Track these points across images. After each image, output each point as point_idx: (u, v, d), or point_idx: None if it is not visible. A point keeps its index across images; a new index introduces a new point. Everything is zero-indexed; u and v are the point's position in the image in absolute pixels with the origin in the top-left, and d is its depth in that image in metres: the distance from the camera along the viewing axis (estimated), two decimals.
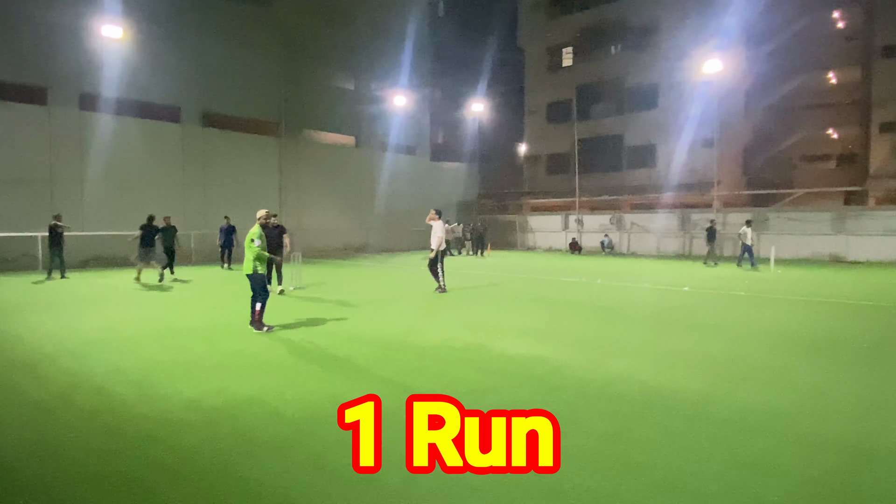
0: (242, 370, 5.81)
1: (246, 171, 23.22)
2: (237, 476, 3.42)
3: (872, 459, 3.64)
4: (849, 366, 6.00)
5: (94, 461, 3.66)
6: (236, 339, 7.36)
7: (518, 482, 3.29)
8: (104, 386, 5.25)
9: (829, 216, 22.43)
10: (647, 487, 3.26)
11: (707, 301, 11.01)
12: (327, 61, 26.77)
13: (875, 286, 13.64)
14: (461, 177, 35.30)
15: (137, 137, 19.90)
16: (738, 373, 5.72)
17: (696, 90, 27.15)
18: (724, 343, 7.09)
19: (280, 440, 3.96)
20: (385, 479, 3.35)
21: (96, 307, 10.14)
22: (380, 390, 5.07)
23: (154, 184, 20.21)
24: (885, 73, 26.12)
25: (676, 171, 28.44)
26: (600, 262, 21.69)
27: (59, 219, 14.28)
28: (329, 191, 26.31)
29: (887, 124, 26.12)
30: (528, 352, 6.60)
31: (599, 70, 33.57)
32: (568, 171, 32.28)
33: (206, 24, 21.64)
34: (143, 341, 7.18)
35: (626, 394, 5.00)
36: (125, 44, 18.85)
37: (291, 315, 9.28)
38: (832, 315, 9.24)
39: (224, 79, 22.39)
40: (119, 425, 4.27)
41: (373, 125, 28.90)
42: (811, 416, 4.44)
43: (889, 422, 4.34)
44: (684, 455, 3.70)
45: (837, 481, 3.33)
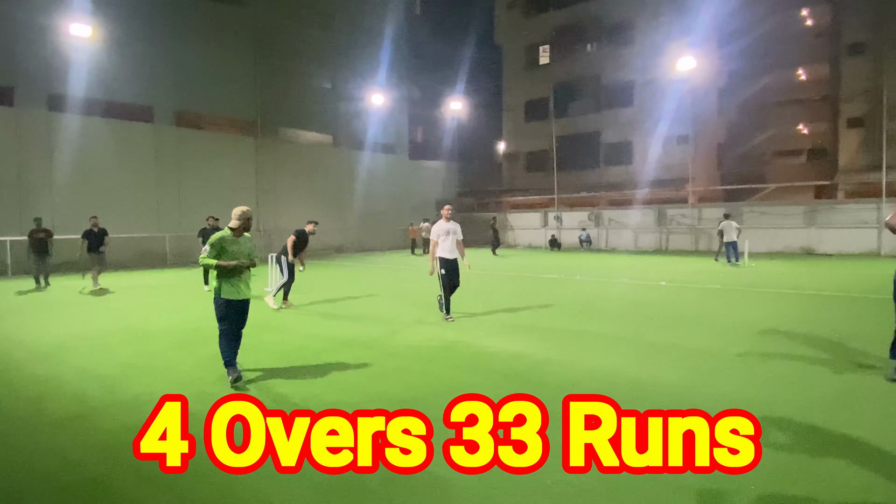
0: (218, 374, 5.71)
1: (222, 171, 22.90)
2: (215, 481, 3.36)
3: (846, 447, 3.72)
4: (821, 355, 6.14)
5: (67, 469, 3.56)
6: (212, 342, 7.22)
7: (503, 478, 3.29)
8: (76, 392, 5.12)
9: (800, 210, 22.95)
10: (629, 481, 3.29)
11: (683, 295, 11.17)
12: (304, 60, 26.53)
13: (845, 278, 13.99)
14: (440, 175, 35.31)
15: (109, 138, 19.48)
16: (715, 365, 5.81)
17: (670, 88, 27.53)
18: (700, 336, 7.20)
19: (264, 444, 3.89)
20: (369, 484, 3.32)
21: (67, 312, 9.90)
22: (358, 391, 5.04)
23: (126, 185, 19.82)
24: (852, 69, 26.76)
25: (652, 167, 28.81)
26: (579, 259, 21.88)
27: (38, 223, 13.49)
28: (307, 191, 26.10)
29: (855, 119, 26.77)
30: (508, 349, 6.61)
31: (576, 68, 33.82)
32: (546, 169, 32.46)
33: (178, 22, 21.27)
34: (116, 346, 7.03)
35: (607, 388, 5.04)
36: (95, 43, 18.44)
37: (268, 317, 9.18)
38: (805, 306, 9.45)
39: (198, 78, 22.03)
40: (92, 432, 4.17)
41: (351, 124, 28.74)
42: (786, 406, 4.52)
43: (861, 412, 4.44)
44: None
45: (813, 470, 3.39)
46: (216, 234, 5.39)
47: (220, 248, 5.34)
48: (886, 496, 3.09)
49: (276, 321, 8.73)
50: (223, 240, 5.38)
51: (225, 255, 5.32)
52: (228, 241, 5.41)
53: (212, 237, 5.38)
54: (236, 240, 5.46)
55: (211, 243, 5.33)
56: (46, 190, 18.05)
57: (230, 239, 5.43)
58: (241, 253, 5.41)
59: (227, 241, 5.40)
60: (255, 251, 5.61)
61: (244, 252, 5.45)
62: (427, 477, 3.35)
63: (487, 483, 3.28)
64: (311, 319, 8.92)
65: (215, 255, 5.33)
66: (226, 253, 5.33)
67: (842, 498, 3.07)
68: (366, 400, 4.78)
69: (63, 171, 18.32)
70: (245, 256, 5.45)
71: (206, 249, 5.36)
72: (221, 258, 5.32)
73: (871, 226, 21.16)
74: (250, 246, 5.58)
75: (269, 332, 7.77)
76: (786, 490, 3.17)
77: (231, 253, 5.35)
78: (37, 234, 13.22)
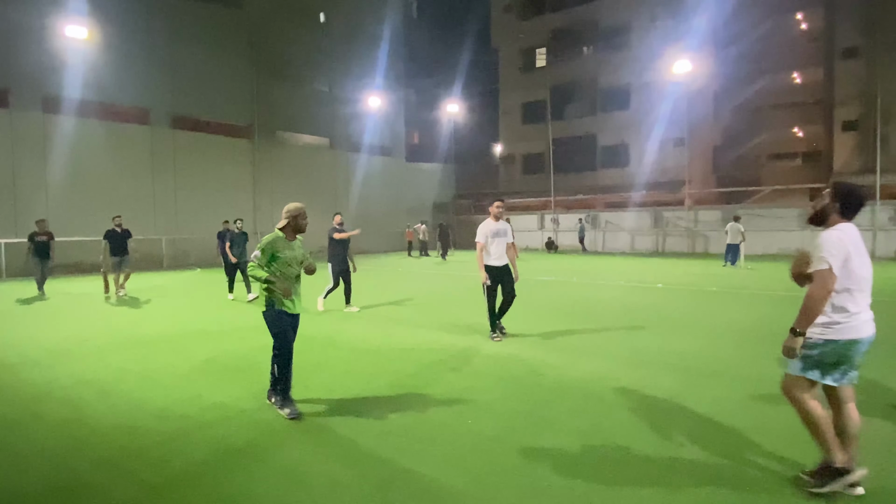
0: (215, 378, 5.70)
1: (218, 173, 22.88)
2: (210, 486, 3.36)
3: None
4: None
5: (62, 474, 3.55)
6: (208, 346, 7.23)
7: (498, 481, 3.30)
8: (70, 397, 5.10)
9: (795, 212, 23.04)
10: (624, 484, 3.30)
11: (679, 297, 11.20)
12: (300, 63, 26.54)
13: None
14: (437, 178, 35.34)
15: (104, 140, 19.43)
16: (709, 368, 5.83)
17: (666, 91, 27.64)
18: (695, 339, 7.22)
19: (255, 448, 3.90)
20: (364, 488, 3.33)
21: (61, 316, 9.86)
22: (355, 395, 5.04)
23: (122, 188, 19.76)
24: (846, 73, 26.95)
25: (648, 170, 28.91)
26: (576, 261, 21.91)
27: (40, 225, 12.48)
28: (303, 193, 26.00)
29: (849, 123, 26.95)
30: (503, 352, 6.62)
31: (572, 71, 33.92)
32: (543, 171, 32.53)
33: (174, 24, 21.26)
34: (110, 350, 7.00)
35: (601, 391, 5.06)
36: (90, 45, 18.40)
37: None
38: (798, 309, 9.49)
39: (194, 80, 22.01)
40: (87, 437, 4.16)
41: (347, 127, 28.75)
42: (782, 410, 4.53)
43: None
44: (660, 451, 3.76)
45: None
46: (266, 238, 4.56)
47: (272, 255, 4.52)
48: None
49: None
50: (274, 244, 4.52)
51: (277, 262, 4.52)
52: (280, 244, 4.55)
53: (263, 241, 4.55)
54: (290, 244, 4.60)
55: (261, 248, 4.52)
56: (41, 192, 17.99)
57: (282, 243, 4.56)
58: (294, 259, 4.61)
59: (279, 246, 4.54)
60: (308, 256, 4.82)
61: (297, 258, 4.66)
62: (422, 480, 3.35)
63: (483, 485, 3.28)
64: (308, 320, 8.91)
65: (267, 263, 4.53)
66: (277, 260, 4.52)
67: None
68: (359, 403, 4.78)
69: (58, 173, 18.27)
70: (298, 263, 4.67)
71: (256, 256, 4.52)
72: (273, 266, 4.53)
73: (864, 228, 21.24)
74: (304, 251, 4.79)
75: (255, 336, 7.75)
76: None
77: (284, 259, 4.53)
78: (39, 237, 12.39)
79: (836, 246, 2.99)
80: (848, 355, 3.06)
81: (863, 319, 3.06)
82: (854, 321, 3.03)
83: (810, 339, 3.08)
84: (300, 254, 4.71)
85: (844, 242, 3.01)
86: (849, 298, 3.03)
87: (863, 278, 3.06)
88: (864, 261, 3.09)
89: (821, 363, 3.07)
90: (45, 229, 12.50)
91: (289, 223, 4.62)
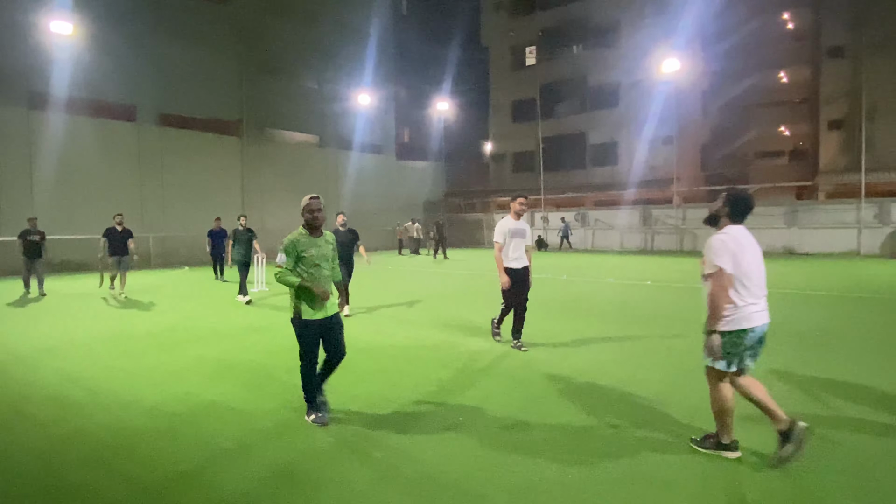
0: (205, 376, 5.66)
1: (206, 171, 22.70)
2: (201, 485, 3.33)
3: (828, 441, 3.78)
4: (800, 352, 6.23)
5: (49, 474, 3.51)
6: (198, 344, 7.18)
7: (493, 476, 3.31)
8: (58, 395, 5.04)
9: (782, 210, 23.28)
10: (615, 479, 3.32)
11: (668, 294, 11.28)
12: (289, 60, 26.39)
13: (824, 276, 14.23)
14: (428, 175, 35.31)
15: (91, 137, 19.21)
16: (697, 364, 5.86)
17: (655, 89, 27.80)
18: (684, 335, 7.27)
19: (246, 447, 3.87)
20: (356, 486, 3.32)
21: (48, 314, 9.74)
22: (350, 393, 5.02)
23: (109, 185, 19.56)
24: (832, 72, 27.23)
25: (638, 168, 29.07)
26: (566, 259, 22.00)
27: (32, 223, 12.02)
28: (293, 191, 25.87)
29: (835, 122, 27.23)
30: (495, 348, 6.63)
31: (562, 69, 34.00)
32: (533, 170, 32.61)
33: (162, 20, 21.05)
34: (98, 348, 6.93)
35: (592, 387, 5.08)
36: (77, 40, 18.16)
37: (256, 319, 9.12)
38: (785, 305, 9.60)
39: (182, 77, 21.81)
40: (75, 435, 4.11)
41: (337, 124, 28.63)
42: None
43: (843, 405, 4.52)
44: (650, 446, 3.78)
45: (801, 468, 3.45)
46: (288, 238, 4.19)
47: (298, 256, 4.15)
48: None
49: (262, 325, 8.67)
50: (297, 243, 4.16)
51: (303, 262, 4.15)
52: (304, 243, 4.18)
53: (284, 242, 4.18)
54: (314, 241, 4.23)
55: (284, 250, 4.15)
56: (27, 189, 17.76)
57: (306, 240, 4.20)
58: (322, 258, 4.23)
59: (303, 244, 4.17)
60: (332, 252, 4.40)
61: (326, 256, 4.28)
62: (416, 476, 3.35)
63: (477, 480, 3.28)
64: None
65: (294, 266, 4.16)
66: (303, 260, 4.15)
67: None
68: (349, 399, 4.77)
69: (44, 170, 18.03)
70: (327, 262, 4.29)
71: (281, 259, 4.15)
72: (299, 267, 4.16)
73: (850, 226, 21.53)
74: (331, 247, 4.38)
75: (246, 334, 7.71)
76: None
77: (309, 258, 4.15)
78: (31, 236, 11.89)
79: (722, 249, 3.38)
80: (742, 344, 3.40)
81: (751, 311, 3.41)
82: (742, 313, 3.38)
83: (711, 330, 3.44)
84: (329, 251, 4.31)
85: (729, 245, 3.40)
86: (735, 294, 3.38)
87: (750, 274, 3.43)
88: (752, 258, 3.46)
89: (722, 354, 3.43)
90: (36, 227, 12.05)
91: (308, 219, 4.26)
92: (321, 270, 4.22)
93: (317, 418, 4.24)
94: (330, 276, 4.34)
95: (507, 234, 6.50)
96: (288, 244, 4.15)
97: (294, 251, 4.14)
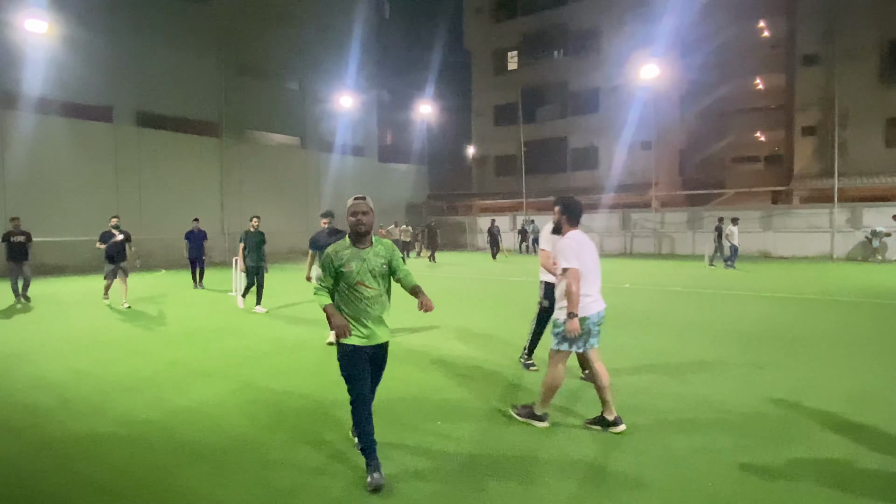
0: (179, 381, 5.60)
1: (185, 172, 22.38)
2: (174, 491, 3.30)
3: (801, 443, 3.88)
4: (776, 355, 6.37)
5: (19, 482, 3.45)
6: (172, 348, 7.10)
7: (483, 475, 3.33)
8: (28, 401, 4.95)
9: (758, 214, 23.72)
10: (590, 481, 3.36)
11: (646, 297, 11.43)
12: (270, 60, 26.19)
13: (799, 280, 14.53)
14: (410, 178, 35.28)
15: (66, 138, 18.80)
16: (674, 366, 5.97)
17: (634, 95, 28.13)
18: (661, 337, 7.38)
19: (220, 453, 3.85)
20: (329, 492, 3.32)
21: (17, 318, 9.54)
22: (325, 397, 5.01)
23: (85, 187, 19.17)
24: (806, 79, 27.83)
25: (617, 172, 29.39)
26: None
27: (15, 224, 11.14)
28: (273, 193, 25.71)
29: (809, 128, 27.83)
30: (471, 353, 6.67)
31: (543, 74, 34.27)
32: (515, 173, 32.78)
33: (139, 19, 20.71)
34: (70, 353, 6.81)
35: (567, 388, 5.13)
36: (51, 39, 17.79)
37: (234, 322, 9.04)
38: (761, 308, 9.79)
39: (160, 77, 21.48)
40: (46, 442, 4.04)
41: (319, 126, 28.47)
42: (744, 405, 4.68)
43: (818, 407, 4.63)
44: (625, 448, 3.84)
45: (765, 466, 3.53)
46: (330, 248, 3.45)
47: (336, 271, 3.40)
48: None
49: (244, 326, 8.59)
50: (336, 256, 3.39)
51: (343, 278, 3.40)
52: (345, 255, 3.40)
53: (325, 254, 3.45)
54: (358, 252, 3.41)
55: (323, 265, 3.43)
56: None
57: (348, 252, 3.41)
58: (365, 273, 3.39)
59: (343, 256, 3.39)
60: (382, 268, 3.48)
61: (373, 272, 3.42)
62: (395, 483, 3.35)
63: (466, 487, 3.30)
64: (277, 322, 8.81)
65: (332, 284, 3.44)
66: (342, 276, 3.39)
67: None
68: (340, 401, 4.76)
69: (16, 171, 17.60)
70: (374, 280, 3.42)
71: (317, 274, 3.55)
72: (341, 284, 3.42)
73: (823, 230, 22.02)
74: (382, 260, 3.48)
75: (224, 339, 7.64)
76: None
77: (349, 275, 3.36)
78: (15, 238, 11.03)
79: (569, 250, 4.01)
80: (582, 328, 4.00)
81: (589, 301, 4.04)
82: (582, 303, 3.98)
83: (556, 320, 4.11)
84: (378, 265, 3.44)
85: (574, 247, 4.03)
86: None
87: (588, 270, 4.05)
88: (589, 258, 4.09)
89: (565, 337, 4.03)
90: (20, 228, 11.12)
91: (353, 226, 3.44)
92: (362, 292, 3.39)
93: (373, 480, 3.25)
94: (375, 299, 3.43)
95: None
96: (325, 257, 3.43)
97: (331, 265, 3.39)
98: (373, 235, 3.53)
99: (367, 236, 3.47)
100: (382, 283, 3.51)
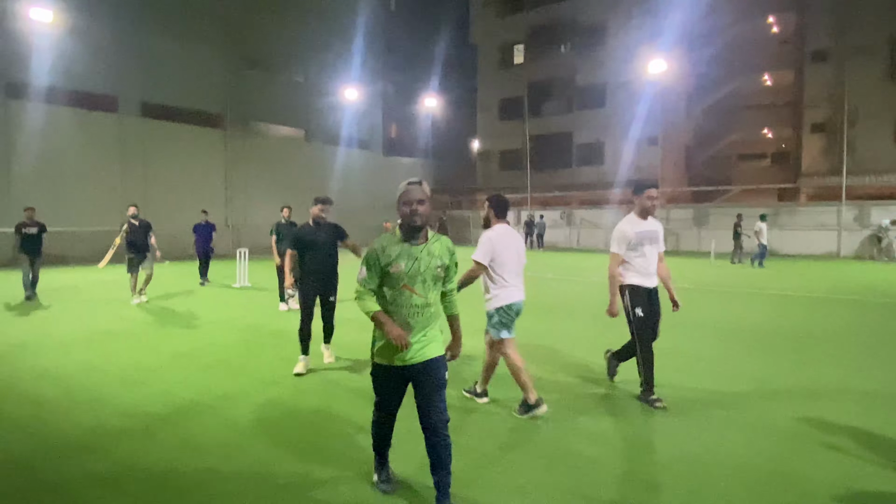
0: (184, 373, 5.57)
1: (189, 164, 22.36)
2: (180, 485, 3.27)
3: (811, 444, 3.82)
4: (785, 354, 6.30)
5: (24, 474, 3.42)
6: (177, 341, 7.07)
7: (470, 479, 3.29)
8: (33, 393, 4.93)
9: (764, 212, 23.55)
10: (599, 481, 3.31)
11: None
12: (275, 52, 26.10)
13: (806, 278, 14.43)
14: (414, 172, 35.16)
15: (71, 128, 18.81)
16: (681, 364, 5.91)
17: (641, 90, 27.96)
18: (667, 334, 7.30)
19: (226, 446, 3.81)
20: (338, 487, 3.28)
21: (27, 310, 9.53)
22: (329, 392, 4.98)
23: (90, 177, 19.19)
24: (816, 76, 27.61)
25: (623, 168, 29.25)
26: (552, 257, 22.08)
27: (29, 214, 10.57)
28: (278, 185, 25.63)
29: (818, 125, 27.63)
30: (474, 349, 6.61)
31: (550, 68, 34.07)
32: (520, 168, 32.66)
33: (146, 10, 20.65)
34: (74, 345, 6.79)
35: (572, 386, 5.09)
36: (56, 29, 17.77)
37: (237, 314, 9.02)
38: (767, 306, 9.72)
39: (165, 68, 21.44)
40: (50, 435, 4.02)
41: (324, 119, 28.39)
42: (752, 404, 4.62)
43: (828, 408, 4.57)
44: (632, 446, 3.79)
45: (778, 467, 3.47)
46: (377, 242, 2.85)
47: (382, 272, 2.82)
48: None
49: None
50: (384, 253, 2.81)
51: (389, 281, 2.81)
52: (393, 251, 2.81)
53: (369, 250, 2.85)
54: (409, 249, 2.81)
55: (366, 260, 2.85)
56: (4, 181, 17.36)
57: (397, 248, 2.82)
58: (415, 277, 2.79)
59: (391, 253, 2.81)
60: (437, 271, 2.86)
61: (428, 272, 2.82)
62: (405, 479, 3.31)
63: (456, 483, 3.26)
64: (281, 315, 8.77)
65: (378, 286, 2.86)
66: (388, 278, 2.81)
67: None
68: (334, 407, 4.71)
69: (22, 161, 17.62)
70: (426, 284, 2.82)
71: (361, 274, 2.85)
72: (385, 289, 2.84)
73: (830, 228, 21.88)
74: (438, 262, 2.85)
75: (227, 331, 7.59)
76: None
77: (397, 276, 2.78)
78: (28, 229, 10.41)
79: (485, 244, 4.21)
80: (510, 315, 4.30)
81: (511, 290, 4.27)
82: (506, 292, 4.25)
83: (488, 310, 4.33)
84: (433, 266, 2.83)
85: (493, 241, 4.22)
86: (499, 277, 4.24)
87: (508, 262, 4.24)
88: (512, 250, 4.28)
89: (500, 324, 4.28)
90: (33, 218, 10.53)
91: (406, 218, 2.81)
92: (408, 298, 2.80)
93: (379, 484, 3.16)
94: (422, 309, 2.82)
95: (634, 240, 4.71)
96: (370, 252, 2.83)
97: (377, 263, 2.80)
98: (428, 230, 2.89)
99: (422, 231, 2.83)
100: (434, 289, 2.88)
